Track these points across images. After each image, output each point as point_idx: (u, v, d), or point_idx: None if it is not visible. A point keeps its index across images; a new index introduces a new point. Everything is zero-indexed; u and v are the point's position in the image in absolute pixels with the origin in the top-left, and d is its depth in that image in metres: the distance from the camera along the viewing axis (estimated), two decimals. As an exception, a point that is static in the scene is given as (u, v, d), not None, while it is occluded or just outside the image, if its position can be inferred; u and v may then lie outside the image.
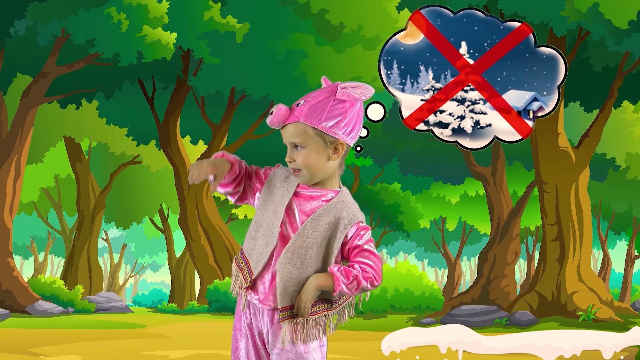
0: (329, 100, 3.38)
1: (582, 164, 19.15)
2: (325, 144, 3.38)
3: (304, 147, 3.38)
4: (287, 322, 3.35)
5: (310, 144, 3.37)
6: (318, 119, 3.36)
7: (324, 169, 3.40)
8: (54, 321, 17.48)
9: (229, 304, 20.79)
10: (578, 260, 18.92)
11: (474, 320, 17.28)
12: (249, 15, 18.97)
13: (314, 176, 3.41)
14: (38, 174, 29.65)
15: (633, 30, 17.41)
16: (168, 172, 26.99)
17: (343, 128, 3.39)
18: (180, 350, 11.98)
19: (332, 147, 3.39)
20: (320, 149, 3.38)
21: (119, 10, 17.84)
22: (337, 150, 3.40)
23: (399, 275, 21.13)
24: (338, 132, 3.39)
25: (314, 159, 3.38)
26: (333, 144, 3.39)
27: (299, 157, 3.38)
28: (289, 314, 3.35)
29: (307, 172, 3.39)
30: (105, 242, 39.63)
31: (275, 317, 3.40)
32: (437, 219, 34.74)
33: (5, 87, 20.10)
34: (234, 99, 22.28)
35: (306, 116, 3.37)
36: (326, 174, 3.42)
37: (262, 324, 3.44)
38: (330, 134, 3.38)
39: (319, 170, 3.40)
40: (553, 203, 19.09)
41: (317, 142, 3.37)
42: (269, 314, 3.41)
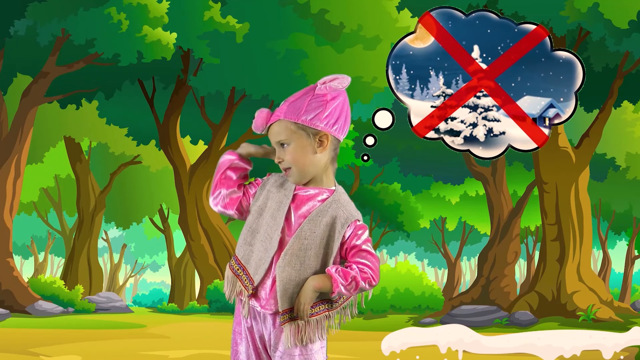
0: (308, 95, 3.42)
1: (582, 164, 19.15)
2: (308, 136, 3.39)
3: (289, 144, 3.40)
4: (288, 325, 3.34)
5: (294, 139, 3.40)
6: (297, 114, 3.39)
7: (312, 164, 3.39)
8: (54, 321, 17.47)
9: (229, 304, 20.71)
10: (578, 260, 18.92)
11: (474, 320, 17.28)
12: (249, 15, 18.97)
13: (304, 172, 3.40)
14: (38, 174, 29.65)
15: (633, 30, 17.41)
16: (168, 172, 26.99)
17: (325, 119, 3.39)
18: (180, 350, 11.98)
19: (316, 140, 3.39)
20: (304, 143, 3.39)
21: (119, 10, 17.84)
22: (322, 143, 3.39)
23: (399, 275, 21.13)
24: (320, 124, 3.39)
25: (299, 154, 3.39)
26: (317, 136, 3.39)
27: (286, 154, 3.40)
28: (289, 317, 3.34)
29: (296, 169, 3.39)
30: (105, 242, 39.63)
31: (277, 321, 3.38)
32: (437, 219, 34.75)
33: (5, 87, 20.10)
34: (234, 99, 22.28)
35: (286, 113, 3.42)
36: (317, 169, 3.40)
37: (264, 328, 3.43)
38: (311, 126, 3.39)
39: (307, 166, 3.39)
40: (553, 203, 19.08)
41: (300, 136, 3.39)
42: (271, 317, 3.39)
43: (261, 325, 3.42)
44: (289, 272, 3.32)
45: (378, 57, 18.69)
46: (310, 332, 3.34)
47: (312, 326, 3.34)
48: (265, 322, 3.41)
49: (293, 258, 3.33)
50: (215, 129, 22.56)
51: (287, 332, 3.33)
